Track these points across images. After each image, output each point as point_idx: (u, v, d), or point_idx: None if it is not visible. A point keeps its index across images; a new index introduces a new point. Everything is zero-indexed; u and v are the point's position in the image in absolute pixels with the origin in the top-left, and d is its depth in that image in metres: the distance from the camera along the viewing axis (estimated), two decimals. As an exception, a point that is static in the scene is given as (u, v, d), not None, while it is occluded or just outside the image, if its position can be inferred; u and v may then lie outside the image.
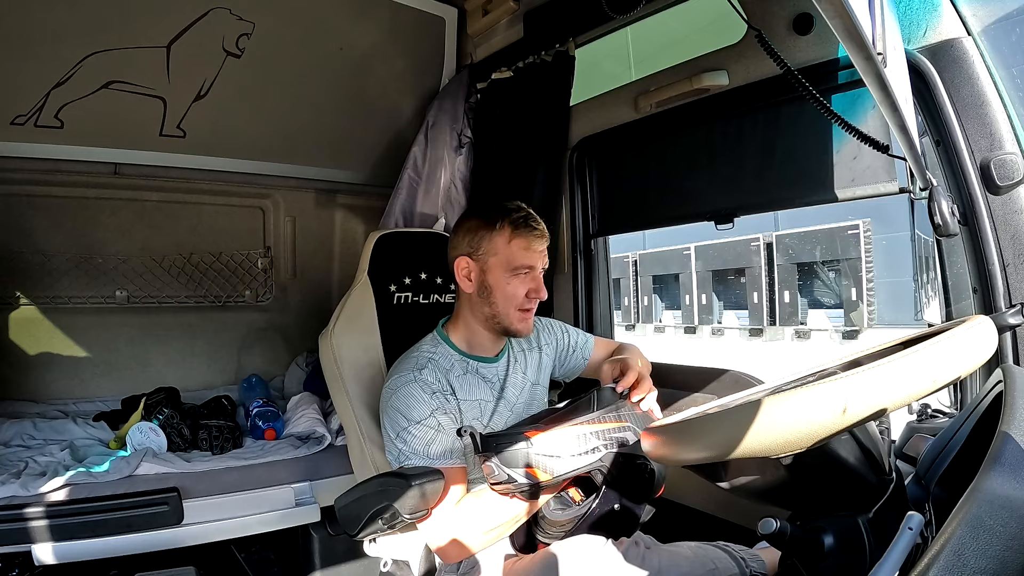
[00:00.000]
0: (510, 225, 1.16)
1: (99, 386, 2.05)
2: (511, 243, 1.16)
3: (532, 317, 1.20)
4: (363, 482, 1.18)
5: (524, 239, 1.16)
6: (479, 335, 1.22)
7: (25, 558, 1.33)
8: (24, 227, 1.94)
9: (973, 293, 1.03)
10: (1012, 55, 1.00)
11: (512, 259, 1.16)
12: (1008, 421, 0.53)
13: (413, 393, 1.11)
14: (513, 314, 1.17)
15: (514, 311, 1.17)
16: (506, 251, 1.16)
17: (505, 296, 1.16)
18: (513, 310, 1.17)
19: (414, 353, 1.20)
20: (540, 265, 1.19)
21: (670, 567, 0.92)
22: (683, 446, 0.67)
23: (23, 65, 1.66)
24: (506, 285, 1.16)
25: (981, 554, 0.39)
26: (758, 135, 1.45)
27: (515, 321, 1.18)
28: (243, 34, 1.80)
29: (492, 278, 1.17)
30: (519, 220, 1.17)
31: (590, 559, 0.91)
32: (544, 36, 1.76)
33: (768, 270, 11.22)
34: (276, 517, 1.57)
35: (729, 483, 0.71)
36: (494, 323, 1.19)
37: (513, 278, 1.16)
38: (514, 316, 1.17)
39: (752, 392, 0.88)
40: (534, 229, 1.17)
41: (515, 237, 1.16)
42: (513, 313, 1.17)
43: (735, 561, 0.96)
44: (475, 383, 1.20)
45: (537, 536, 1.01)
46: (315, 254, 2.40)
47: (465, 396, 1.17)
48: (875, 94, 0.70)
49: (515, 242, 1.16)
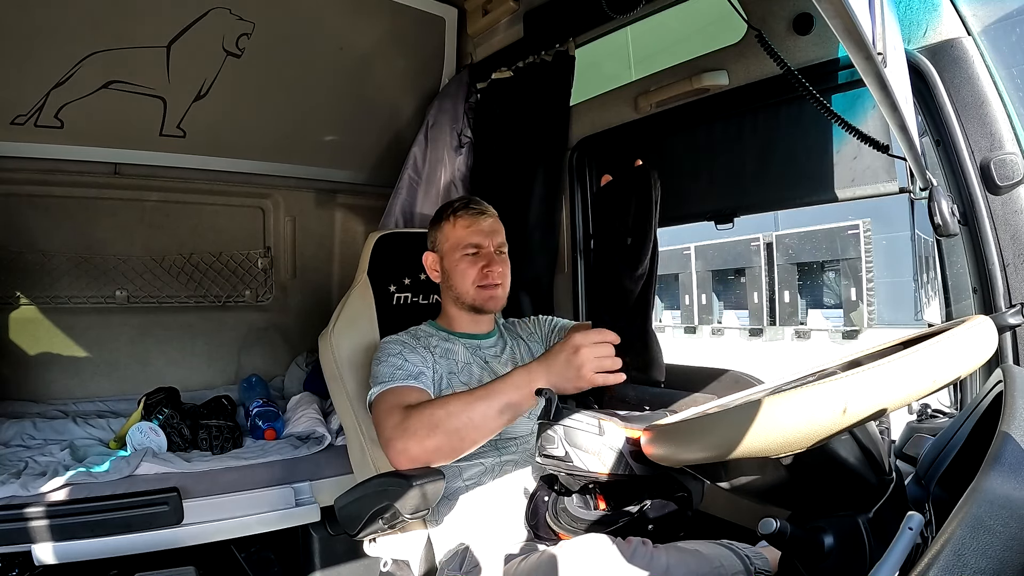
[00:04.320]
0: (454, 212, 1.30)
1: (99, 386, 2.05)
2: (456, 226, 1.28)
3: (498, 292, 1.28)
4: (363, 482, 1.18)
5: (466, 220, 1.28)
6: (458, 317, 1.32)
7: (25, 558, 1.33)
8: (24, 227, 1.94)
9: (973, 293, 1.03)
10: (1012, 55, 1.00)
11: (459, 240, 1.28)
12: (1008, 421, 0.53)
13: (391, 343, 1.23)
14: (473, 292, 1.26)
15: (473, 289, 1.26)
16: (453, 235, 1.28)
17: (461, 276, 1.27)
18: (472, 287, 1.26)
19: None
20: (488, 243, 1.28)
21: (677, 566, 0.91)
22: (683, 446, 0.67)
23: (23, 65, 1.66)
24: (458, 265, 1.27)
25: (981, 554, 0.39)
26: (758, 135, 1.45)
27: (477, 298, 1.27)
28: (243, 34, 1.81)
29: (448, 263, 1.29)
30: (460, 205, 1.30)
31: (597, 559, 0.90)
32: (544, 36, 1.76)
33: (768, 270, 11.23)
34: (276, 517, 1.57)
35: (729, 483, 0.71)
36: (461, 304, 1.29)
37: (463, 258, 1.27)
38: (475, 293, 1.26)
39: (752, 392, 0.88)
40: (474, 209, 1.29)
41: (459, 220, 1.28)
42: (473, 291, 1.26)
43: (740, 559, 0.96)
44: (459, 351, 1.27)
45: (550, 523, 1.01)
46: (315, 254, 2.40)
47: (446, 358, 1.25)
48: (875, 94, 0.70)
49: (459, 224, 1.28)
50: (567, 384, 0.94)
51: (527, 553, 1.02)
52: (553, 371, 0.95)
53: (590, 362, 0.92)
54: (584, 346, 0.92)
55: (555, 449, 0.87)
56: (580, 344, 0.92)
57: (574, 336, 0.94)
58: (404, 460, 1.02)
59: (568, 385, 0.94)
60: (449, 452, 1.02)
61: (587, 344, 0.92)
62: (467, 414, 0.99)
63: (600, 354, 0.93)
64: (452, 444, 1.00)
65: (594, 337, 0.93)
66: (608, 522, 0.93)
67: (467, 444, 1.01)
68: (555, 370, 0.95)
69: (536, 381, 0.95)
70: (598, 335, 0.94)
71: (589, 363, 0.92)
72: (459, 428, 0.99)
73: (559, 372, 0.94)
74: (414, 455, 1.01)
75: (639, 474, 0.86)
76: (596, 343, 0.93)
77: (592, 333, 0.94)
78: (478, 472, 1.20)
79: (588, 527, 0.95)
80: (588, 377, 0.93)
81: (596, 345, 0.93)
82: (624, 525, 0.94)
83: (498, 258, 1.29)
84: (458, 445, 1.01)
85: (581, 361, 0.92)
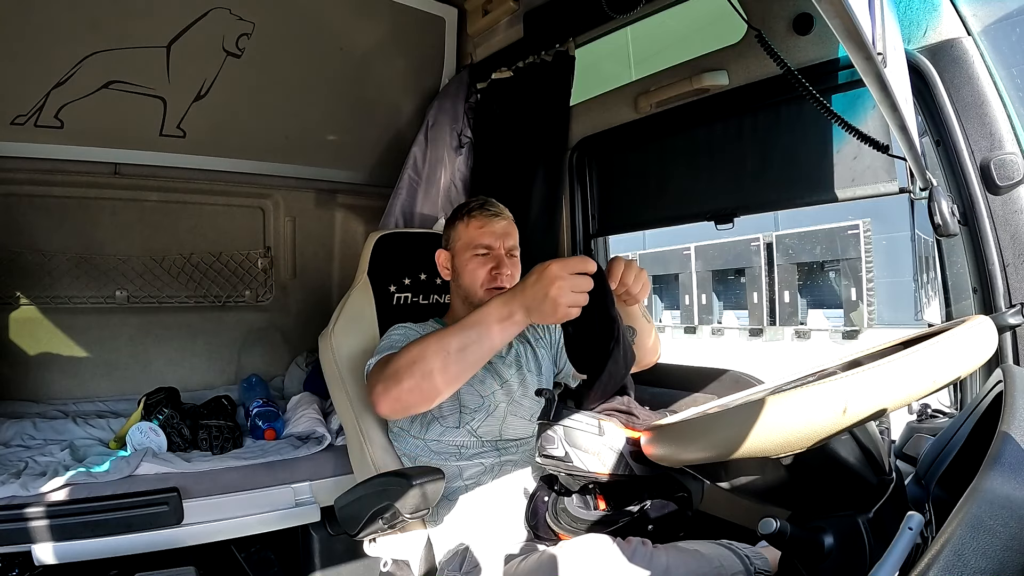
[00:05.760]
0: (468, 212, 1.31)
1: (99, 386, 2.05)
2: (469, 226, 1.29)
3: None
4: (363, 482, 1.18)
5: (479, 220, 1.28)
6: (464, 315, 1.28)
7: (25, 558, 1.33)
8: (24, 227, 1.94)
9: (973, 293, 1.03)
10: (1012, 55, 1.00)
11: (471, 240, 1.29)
12: (1008, 421, 0.53)
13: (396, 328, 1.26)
14: (481, 292, 1.27)
15: (481, 290, 1.27)
16: (466, 235, 1.29)
17: (470, 276, 1.28)
18: (479, 289, 1.27)
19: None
20: (500, 245, 1.29)
21: (677, 566, 0.91)
22: (683, 446, 0.67)
23: (23, 65, 1.66)
24: (468, 265, 1.28)
25: (981, 554, 0.39)
26: (758, 135, 1.45)
27: (485, 298, 1.25)
28: (243, 34, 1.81)
29: (459, 262, 1.30)
30: (476, 205, 1.31)
31: (597, 559, 0.90)
32: (544, 36, 1.76)
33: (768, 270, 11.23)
34: (276, 517, 1.57)
35: (729, 483, 0.71)
36: (469, 303, 1.28)
37: (474, 258, 1.28)
38: (483, 294, 1.26)
39: (752, 392, 0.88)
40: (488, 211, 1.30)
41: (472, 220, 1.29)
42: (481, 292, 1.27)
43: (740, 559, 0.96)
44: None
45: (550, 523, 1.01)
46: (315, 254, 2.40)
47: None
48: (875, 94, 0.70)
49: (472, 225, 1.29)
50: (541, 316, 0.90)
51: (527, 553, 1.02)
52: (528, 298, 0.91)
53: (566, 295, 0.88)
54: (561, 277, 0.88)
55: (555, 449, 0.87)
56: (557, 275, 0.88)
57: (552, 266, 0.89)
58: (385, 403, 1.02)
59: (542, 317, 0.91)
60: (430, 391, 1.00)
61: (564, 275, 0.88)
62: (443, 347, 0.97)
63: (577, 287, 0.89)
64: (431, 382, 0.98)
65: (573, 267, 0.89)
66: (608, 522, 0.93)
67: (445, 380, 0.99)
68: (530, 297, 0.91)
69: (513, 309, 0.93)
70: (578, 264, 0.89)
71: (565, 296, 0.88)
72: (436, 365, 0.97)
73: (535, 302, 0.90)
74: (393, 396, 1.01)
75: (639, 474, 0.86)
76: (574, 274, 0.88)
77: (571, 262, 0.90)
78: (478, 472, 1.20)
79: (588, 527, 0.94)
80: (562, 311, 0.89)
81: (574, 277, 0.88)
82: (624, 525, 0.94)
83: (508, 261, 1.29)
84: (438, 382, 0.98)
85: (556, 293, 0.88)
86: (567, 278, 0.87)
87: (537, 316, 0.91)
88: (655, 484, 0.90)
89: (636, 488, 0.91)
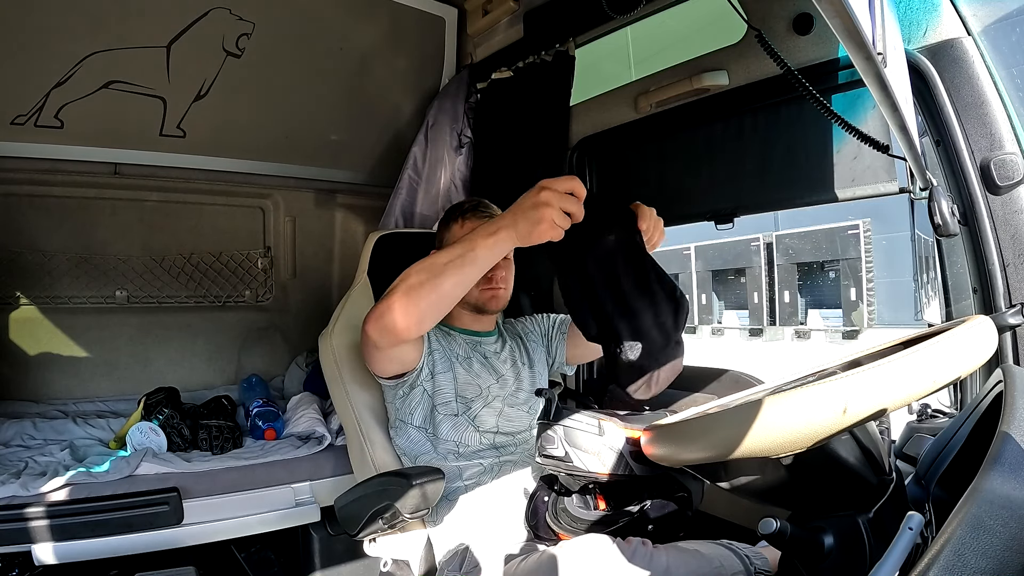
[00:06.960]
0: (463, 213, 1.30)
1: (99, 386, 2.05)
2: (463, 228, 1.28)
3: (500, 292, 1.29)
4: (363, 482, 1.18)
5: (473, 222, 1.27)
6: (460, 314, 1.32)
7: (25, 558, 1.33)
8: (24, 227, 1.94)
9: (973, 293, 1.03)
10: (1012, 55, 1.00)
11: None
12: (1008, 421, 0.53)
13: None
14: (476, 292, 1.26)
15: (476, 290, 1.25)
16: (460, 234, 1.27)
17: None
18: (475, 288, 1.24)
19: None
20: None
21: (677, 566, 0.92)
22: (683, 446, 0.67)
23: (23, 65, 1.66)
24: None
25: (981, 554, 0.39)
26: (758, 135, 1.45)
27: (480, 298, 1.28)
28: (243, 34, 1.80)
29: None
30: (469, 207, 1.31)
31: (597, 559, 0.90)
32: (544, 36, 1.76)
33: (768, 270, 11.24)
34: (276, 517, 1.57)
35: (729, 483, 0.71)
36: (464, 302, 1.26)
37: None
38: (478, 294, 1.27)
39: (752, 392, 0.88)
40: (483, 212, 1.29)
41: (467, 222, 1.28)
42: (476, 292, 1.26)
43: (740, 559, 0.96)
44: (457, 343, 1.29)
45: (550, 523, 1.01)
46: (315, 254, 2.40)
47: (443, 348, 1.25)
48: (875, 94, 0.70)
49: (467, 226, 1.27)
50: (527, 225, 0.89)
51: (527, 553, 1.02)
52: (515, 209, 0.91)
53: (554, 208, 0.87)
54: (549, 188, 0.87)
55: (555, 449, 0.87)
56: (546, 186, 0.88)
57: (542, 181, 0.89)
58: (372, 320, 1.04)
59: (527, 227, 0.89)
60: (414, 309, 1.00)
61: (553, 188, 0.88)
62: (430, 264, 0.98)
63: (566, 206, 0.88)
64: (416, 296, 0.99)
65: (563, 185, 0.88)
66: (608, 522, 0.93)
67: (431, 300, 0.99)
68: (517, 208, 0.91)
69: (500, 225, 0.92)
70: (567, 183, 0.89)
71: (551, 209, 0.87)
72: (424, 278, 0.98)
73: (521, 211, 0.90)
74: (380, 310, 1.02)
75: (639, 474, 0.86)
76: (563, 192, 0.88)
77: (562, 181, 0.89)
78: (478, 472, 1.20)
79: (588, 527, 0.95)
80: (546, 224, 0.87)
81: (563, 196, 0.88)
82: (624, 525, 0.94)
83: (503, 262, 1.29)
84: (422, 298, 0.99)
85: (545, 199, 0.87)
86: (556, 193, 0.88)
87: (523, 226, 0.89)
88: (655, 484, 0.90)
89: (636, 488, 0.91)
